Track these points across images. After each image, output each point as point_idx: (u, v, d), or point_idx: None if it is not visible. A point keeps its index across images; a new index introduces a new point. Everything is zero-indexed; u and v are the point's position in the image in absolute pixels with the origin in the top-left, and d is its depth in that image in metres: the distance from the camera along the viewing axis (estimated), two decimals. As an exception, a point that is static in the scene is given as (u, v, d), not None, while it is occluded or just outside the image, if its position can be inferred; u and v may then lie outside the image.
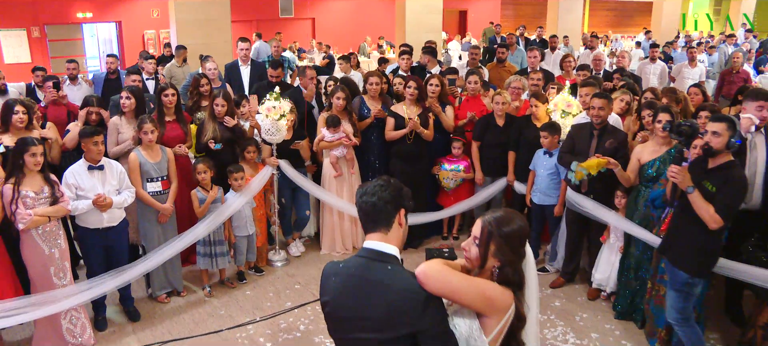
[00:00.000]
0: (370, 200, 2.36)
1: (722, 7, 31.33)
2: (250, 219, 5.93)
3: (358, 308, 2.31)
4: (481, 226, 2.40)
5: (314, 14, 20.63)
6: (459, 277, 2.30)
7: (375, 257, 2.34)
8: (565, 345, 5.03)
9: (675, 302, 4.36)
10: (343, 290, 2.36)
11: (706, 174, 4.17)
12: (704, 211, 4.05)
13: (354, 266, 2.38)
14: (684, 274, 4.27)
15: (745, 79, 10.94)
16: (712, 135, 4.06)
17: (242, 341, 5.04)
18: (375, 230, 2.38)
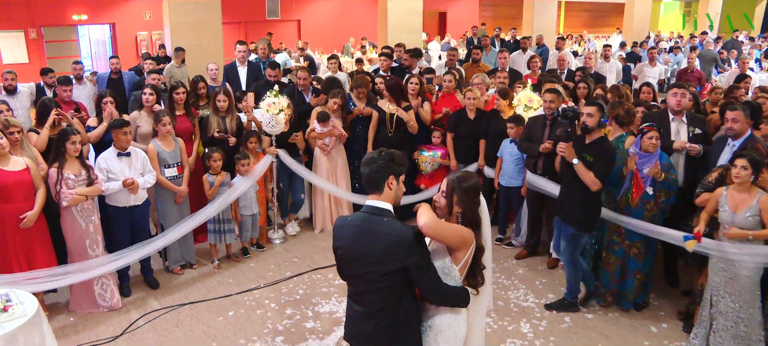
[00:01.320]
0: (365, 170, 3.22)
1: (692, 9, 32.48)
2: (254, 200, 6.77)
3: (363, 249, 3.15)
4: (446, 182, 3.29)
5: (300, 16, 21.36)
6: (445, 224, 3.19)
7: (374, 212, 3.18)
8: (525, 303, 5.92)
9: (566, 249, 5.55)
10: (351, 237, 3.20)
11: (585, 148, 5.34)
12: (586, 177, 5.22)
13: (359, 219, 3.22)
14: (572, 228, 5.43)
15: (698, 78, 11.93)
16: (587, 116, 5.27)
17: (250, 303, 5.89)
18: (372, 192, 3.22)
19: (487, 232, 3.37)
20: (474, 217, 3.26)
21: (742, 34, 25.04)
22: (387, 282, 3.13)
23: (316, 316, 5.65)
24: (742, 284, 4.71)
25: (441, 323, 3.28)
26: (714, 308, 4.90)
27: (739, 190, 4.66)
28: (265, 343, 5.21)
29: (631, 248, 5.65)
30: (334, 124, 7.19)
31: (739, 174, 4.57)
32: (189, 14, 11.63)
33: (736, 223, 4.63)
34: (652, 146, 5.31)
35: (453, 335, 3.29)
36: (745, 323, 4.75)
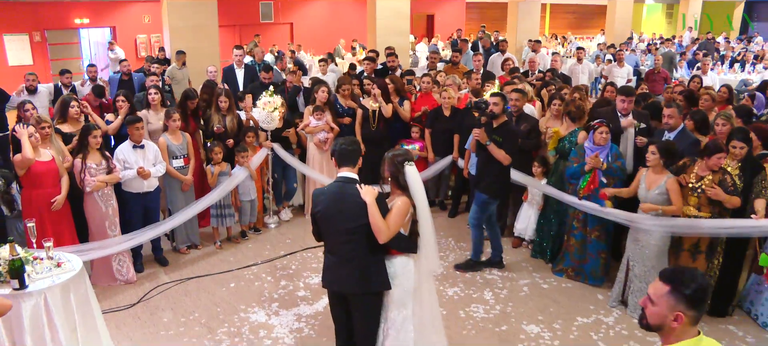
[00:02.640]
0: (342, 148, 4.15)
1: (674, 10, 33.44)
2: (252, 187, 7.63)
3: (339, 209, 4.10)
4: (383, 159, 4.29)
5: (292, 19, 22.14)
6: (392, 216, 4.11)
7: (347, 181, 4.16)
8: (490, 276, 6.79)
9: (475, 212, 6.68)
10: (328, 202, 4.14)
11: (494, 131, 6.45)
12: (498, 154, 6.38)
13: (335, 187, 4.18)
14: (485, 196, 6.55)
15: (664, 79, 12.81)
16: (494, 106, 6.41)
17: (249, 276, 6.74)
18: (346, 166, 4.19)
19: (419, 196, 4.27)
20: (401, 180, 4.23)
21: (721, 36, 26.05)
22: (357, 234, 4.08)
23: (306, 287, 6.50)
24: (652, 252, 5.70)
25: (396, 269, 4.24)
26: (630, 272, 5.91)
27: (653, 172, 5.61)
28: (262, 308, 6.06)
29: (591, 232, 6.51)
30: (326, 118, 8.02)
31: (649, 158, 5.56)
32: (187, 18, 12.32)
33: (649, 199, 5.60)
34: (602, 140, 6.22)
35: (406, 279, 4.26)
36: None
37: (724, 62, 18.53)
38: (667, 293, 2.56)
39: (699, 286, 2.53)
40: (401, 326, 4.31)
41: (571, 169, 6.50)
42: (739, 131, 5.77)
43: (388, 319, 4.32)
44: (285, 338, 5.56)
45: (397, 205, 4.15)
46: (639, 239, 5.79)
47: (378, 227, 4.02)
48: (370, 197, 4.04)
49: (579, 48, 14.48)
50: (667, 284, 2.58)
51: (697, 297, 2.54)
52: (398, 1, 15.63)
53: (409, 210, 4.19)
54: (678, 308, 2.54)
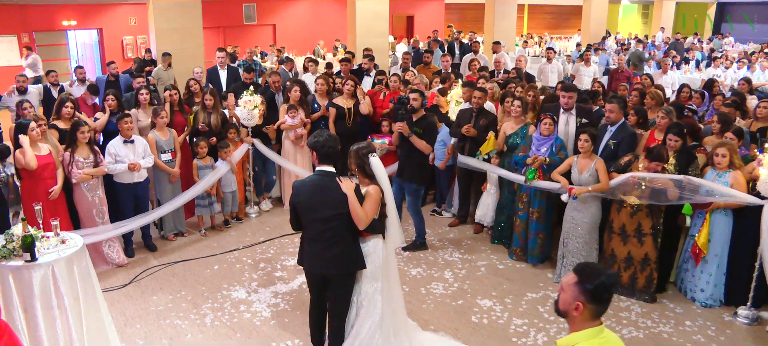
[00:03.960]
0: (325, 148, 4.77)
1: (650, 11, 34.30)
2: (234, 180, 8.27)
3: (321, 199, 4.73)
4: (349, 152, 4.92)
5: (275, 20, 22.70)
6: (368, 205, 4.75)
7: (326, 175, 4.80)
8: (451, 258, 7.46)
9: (411, 202, 7.47)
10: (309, 193, 4.77)
11: (414, 124, 7.32)
12: (420, 144, 7.23)
13: (315, 179, 4.82)
14: (414, 185, 7.35)
15: (627, 77, 13.51)
16: (413, 100, 7.26)
17: (231, 260, 7.39)
18: (325, 163, 4.82)
19: (384, 183, 4.90)
20: (367, 170, 4.87)
21: (694, 36, 26.88)
22: (337, 221, 4.74)
23: (283, 268, 7.15)
24: (584, 229, 6.50)
25: (368, 248, 4.94)
26: (565, 248, 6.68)
27: (583, 157, 6.41)
28: (243, 287, 6.70)
29: (533, 213, 7.20)
30: (300, 116, 8.65)
31: (582, 146, 6.38)
32: (172, 20, 12.79)
33: (581, 181, 6.36)
34: (547, 131, 6.92)
35: (377, 256, 4.95)
36: (585, 259, 6.51)
37: (690, 62, 19.29)
38: (574, 284, 2.79)
39: (601, 283, 2.74)
40: (372, 298, 5.02)
41: (516, 157, 7.22)
42: (675, 126, 6.47)
43: (361, 292, 5.03)
44: (263, 312, 6.21)
45: (369, 194, 4.80)
46: (573, 218, 6.55)
47: (358, 216, 4.67)
48: (351, 189, 4.69)
49: (548, 48, 15.21)
50: (575, 275, 2.81)
51: (598, 293, 2.74)
52: (377, 3, 16.12)
53: (380, 197, 4.85)
54: (579, 299, 2.76)
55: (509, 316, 6.16)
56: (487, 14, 20.32)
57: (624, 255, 6.42)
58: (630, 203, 6.21)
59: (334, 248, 4.79)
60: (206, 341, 5.74)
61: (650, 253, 6.32)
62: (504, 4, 19.97)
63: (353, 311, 5.07)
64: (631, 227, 6.32)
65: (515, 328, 5.94)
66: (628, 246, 6.38)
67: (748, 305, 6.11)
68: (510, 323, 6.02)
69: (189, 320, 6.04)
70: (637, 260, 6.36)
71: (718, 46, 24.68)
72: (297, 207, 4.84)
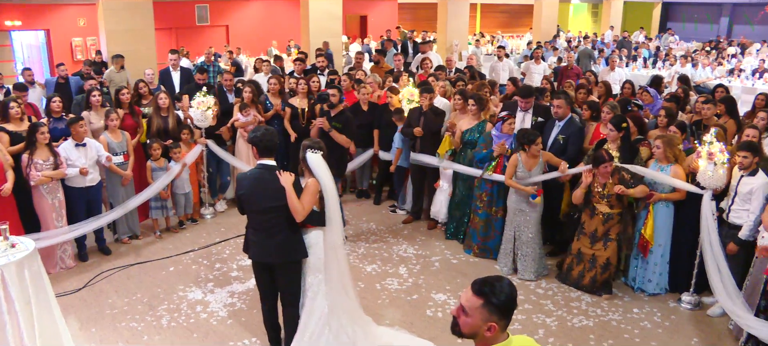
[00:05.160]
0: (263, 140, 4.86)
1: (599, 10, 35.03)
2: (187, 181, 8.25)
3: (262, 191, 4.86)
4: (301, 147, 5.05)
5: (228, 21, 22.55)
6: (305, 197, 4.89)
7: (267, 168, 4.92)
8: (405, 254, 7.59)
9: None
10: (251, 185, 4.90)
11: (334, 119, 7.60)
12: (340, 139, 7.52)
13: (257, 172, 4.94)
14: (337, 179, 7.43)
15: (577, 75, 13.84)
16: (332, 96, 7.65)
17: (186, 261, 7.39)
18: (266, 156, 4.91)
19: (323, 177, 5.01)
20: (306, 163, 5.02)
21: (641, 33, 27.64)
22: (279, 212, 4.88)
23: (239, 268, 7.19)
24: (534, 218, 6.81)
25: (310, 240, 5.09)
26: (517, 241, 6.91)
27: (529, 156, 6.66)
28: (199, 287, 6.72)
29: (497, 212, 7.37)
30: (253, 114, 8.68)
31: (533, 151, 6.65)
32: (123, 22, 12.60)
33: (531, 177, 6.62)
34: (510, 130, 7.10)
35: (320, 248, 5.10)
36: (539, 246, 6.91)
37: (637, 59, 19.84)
38: (481, 306, 2.63)
39: (508, 296, 2.65)
40: (318, 289, 5.15)
41: (480, 155, 7.34)
42: (613, 118, 6.73)
43: (306, 283, 5.13)
44: (219, 311, 6.24)
45: (308, 186, 4.95)
46: (523, 210, 6.79)
47: (295, 208, 4.82)
48: (288, 183, 4.81)
49: (500, 46, 15.50)
50: (480, 297, 2.63)
51: (507, 307, 2.65)
52: (330, 3, 16.20)
53: (318, 189, 4.97)
54: (491, 319, 2.63)
55: (462, 309, 6.30)
56: (440, 14, 20.48)
57: (589, 256, 6.55)
58: (602, 211, 6.36)
59: (275, 237, 4.98)
60: (163, 342, 5.75)
61: (612, 258, 6.46)
62: (456, 4, 20.15)
63: (301, 302, 5.21)
64: (601, 231, 6.45)
65: (468, 320, 6.08)
66: (594, 249, 6.50)
67: (690, 292, 6.39)
68: (463, 316, 6.16)
69: (145, 322, 6.04)
70: (600, 262, 6.47)
71: (665, 44, 25.39)
72: (240, 198, 5.03)
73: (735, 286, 5.62)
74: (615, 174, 6.30)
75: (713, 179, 5.84)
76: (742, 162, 5.83)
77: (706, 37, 28.25)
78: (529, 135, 6.68)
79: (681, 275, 6.56)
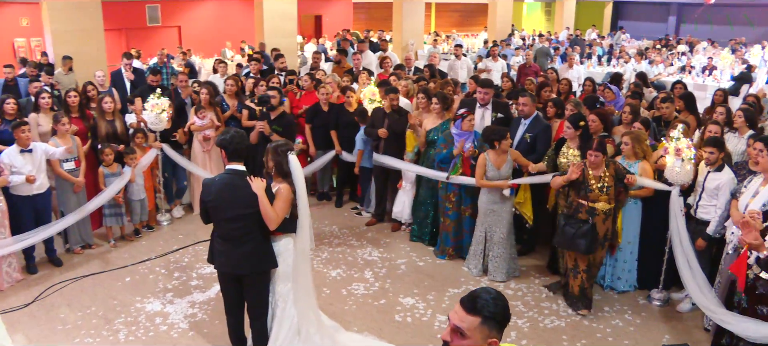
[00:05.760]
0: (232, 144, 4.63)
1: (552, 8, 35.47)
2: (141, 188, 7.92)
3: (230, 198, 4.63)
4: (266, 151, 4.82)
5: (180, 22, 22.04)
6: (278, 203, 4.66)
7: (236, 173, 4.70)
8: (370, 257, 7.42)
9: None
10: (219, 191, 4.66)
11: (274, 122, 7.58)
12: None
13: (225, 178, 4.71)
14: None
15: (535, 72, 13.88)
16: (272, 99, 7.57)
17: (143, 271, 7.08)
18: (235, 160, 4.69)
19: (300, 182, 4.86)
20: (283, 168, 4.81)
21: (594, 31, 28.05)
22: (248, 220, 4.65)
23: (199, 276, 6.92)
24: (505, 217, 6.70)
25: (280, 248, 4.85)
26: (489, 242, 6.79)
27: (498, 154, 6.54)
28: (157, 298, 6.43)
29: (465, 211, 7.24)
30: (210, 117, 8.41)
31: (504, 146, 6.50)
32: (70, 22, 12.08)
33: (501, 175, 6.54)
34: (470, 127, 7.00)
35: (289, 256, 4.88)
36: (511, 246, 6.80)
37: (592, 57, 20.07)
38: (480, 324, 2.51)
39: (504, 307, 2.56)
40: (288, 298, 4.95)
41: (440, 155, 7.20)
42: (571, 117, 6.67)
43: (275, 292, 4.95)
44: (180, 323, 5.98)
45: (281, 193, 4.72)
46: (495, 210, 6.68)
47: (269, 215, 4.60)
48: (261, 189, 4.59)
49: (457, 45, 15.46)
50: (476, 315, 2.51)
51: (506, 318, 2.56)
52: (285, 3, 15.93)
53: (291, 195, 4.76)
54: (492, 335, 2.53)
55: (433, 313, 6.18)
56: (395, 13, 20.35)
57: (585, 265, 6.09)
58: (603, 209, 5.86)
59: (244, 246, 4.74)
60: (120, 357, 5.48)
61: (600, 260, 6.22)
62: (412, 3, 20.05)
63: (270, 313, 4.99)
64: (602, 232, 5.95)
65: (439, 324, 5.97)
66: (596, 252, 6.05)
67: (659, 288, 6.39)
68: (434, 320, 6.05)
69: (101, 338, 5.74)
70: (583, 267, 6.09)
71: (618, 42, 25.80)
72: (207, 205, 4.76)
73: (706, 281, 5.60)
74: (610, 166, 5.93)
75: (681, 175, 5.83)
76: (708, 158, 5.83)
77: (656, 35, 28.81)
78: (498, 132, 6.56)
79: (649, 271, 6.55)
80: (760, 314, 4.78)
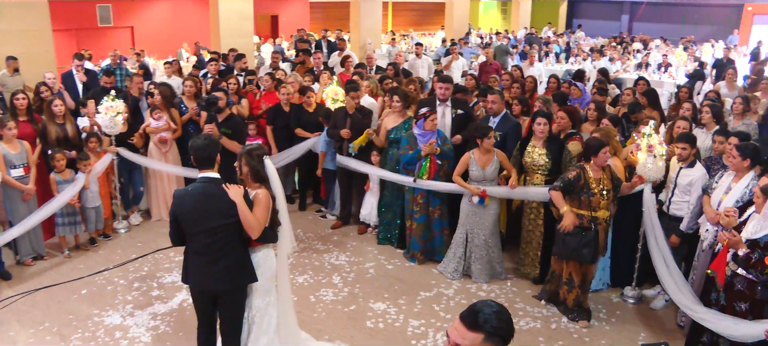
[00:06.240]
0: (200, 153, 4.36)
1: (508, 7, 35.73)
2: (96, 194, 7.55)
3: (207, 208, 4.32)
4: (238, 155, 4.58)
5: (133, 22, 21.43)
6: (258, 211, 4.39)
7: (210, 181, 4.40)
8: (337, 262, 7.22)
9: None
10: (193, 203, 4.35)
11: (222, 124, 7.40)
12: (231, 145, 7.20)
13: (199, 187, 4.39)
14: None
15: (496, 70, 13.87)
16: (219, 100, 7.26)
17: (101, 282, 6.74)
18: (206, 168, 4.40)
19: (277, 187, 4.63)
20: (259, 173, 4.53)
21: (550, 30, 28.34)
22: (225, 232, 4.35)
23: (160, 286, 6.62)
24: (489, 219, 6.51)
25: (258, 259, 4.59)
26: (470, 243, 6.64)
27: (483, 153, 6.37)
28: (116, 311, 6.12)
29: (433, 212, 7.07)
30: (166, 119, 8.09)
31: (485, 143, 6.33)
32: (15, 21, 11.54)
33: (487, 176, 6.37)
34: (433, 126, 6.82)
35: (268, 268, 4.63)
36: (492, 249, 6.61)
37: (549, 55, 20.22)
38: (482, 342, 2.39)
39: (507, 321, 2.43)
40: (265, 313, 4.70)
41: (406, 157, 7.00)
42: (539, 112, 6.58)
43: (253, 307, 4.69)
44: (142, 336, 5.69)
45: (259, 199, 4.44)
46: (476, 212, 6.51)
47: (250, 224, 4.30)
48: (239, 196, 4.30)
49: (417, 44, 15.36)
50: (478, 331, 2.39)
51: (509, 332, 2.44)
52: (241, 3, 15.67)
53: (270, 201, 4.50)
54: None
55: (405, 318, 6.01)
56: (353, 12, 20.23)
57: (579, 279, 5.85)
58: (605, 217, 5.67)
59: (222, 261, 4.41)
60: (77, 375, 5.17)
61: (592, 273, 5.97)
62: (369, 2, 19.93)
63: (245, 329, 4.72)
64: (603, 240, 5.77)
65: (413, 330, 5.81)
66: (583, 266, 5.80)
67: (633, 285, 6.34)
68: (407, 326, 5.88)
69: (56, 354, 5.42)
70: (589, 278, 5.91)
71: (575, 40, 26.07)
72: (180, 219, 4.40)
73: (684, 279, 5.55)
74: (606, 169, 5.68)
75: (653, 171, 5.78)
76: (680, 153, 5.80)
77: (609, 33, 29.26)
78: (480, 129, 6.40)
79: (622, 269, 6.51)
80: (738, 310, 4.77)
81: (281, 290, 4.81)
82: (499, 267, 6.81)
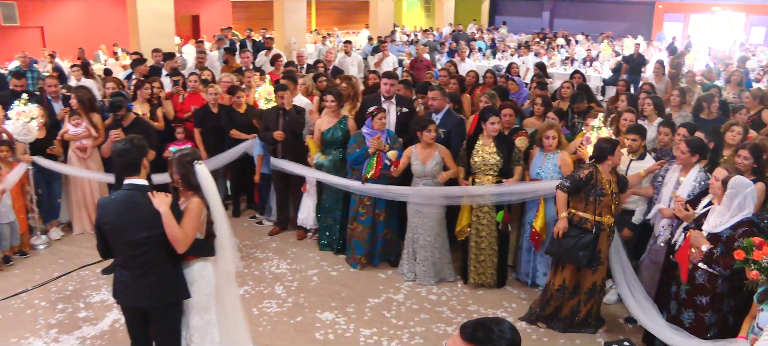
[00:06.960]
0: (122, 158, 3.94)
1: (431, 5, 35.90)
2: (9, 209, 6.90)
3: (133, 219, 3.92)
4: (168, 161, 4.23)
5: (42, 22, 20.23)
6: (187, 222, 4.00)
7: (135, 189, 3.99)
8: (278, 270, 6.86)
9: None
10: (118, 212, 3.94)
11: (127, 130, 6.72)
12: None
13: (123, 196, 3.99)
14: None
15: (427, 66, 13.75)
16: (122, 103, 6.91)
17: (19, 305, 6.15)
18: (131, 174, 3.98)
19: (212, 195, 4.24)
20: (191, 180, 4.15)
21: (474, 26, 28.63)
22: (151, 245, 3.94)
23: (87, 306, 6.10)
24: (434, 221, 6.31)
25: (193, 275, 4.18)
26: (415, 244, 6.42)
27: (424, 147, 6.18)
28: (39, 337, 5.58)
29: (378, 215, 6.79)
30: (86, 125, 7.52)
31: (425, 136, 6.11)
32: None
33: (427, 171, 6.16)
34: (382, 125, 6.55)
35: (205, 283, 4.23)
36: (439, 250, 6.41)
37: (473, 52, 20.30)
38: None
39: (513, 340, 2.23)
40: (205, 332, 4.30)
41: (353, 155, 6.70)
42: (490, 110, 6.37)
43: (190, 326, 4.28)
44: (68, 363, 5.19)
45: (189, 209, 4.06)
46: (421, 211, 6.30)
47: (175, 236, 3.92)
48: (164, 205, 3.91)
49: (346, 42, 15.08)
50: None
51: None
52: (160, 2, 15.09)
53: (203, 212, 4.11)
54: None
55: (355, 327, 5.73)
56: (277, 11, 19.86)
57: (572, 285, 5.56)
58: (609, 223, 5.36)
59: (149, 275, 4.02)
60: (-3, 412, 4.64)
61: (598, 282, 5.54)
62: (293, 1, 19.59)
63: None
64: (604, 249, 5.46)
65: (365, 339, 5.54)
66: (579, 274, 5.52)
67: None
68: (358, 335, 5.60)
69: (-30, 390, 4.87)
70: (585, 289, 5.54)
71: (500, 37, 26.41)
72: (104, 229, 4.00)
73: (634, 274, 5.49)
74: (613, 171, 5.37)
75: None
76: (631, 145, 5.74)
77: (531, 30, 29.83)
78: (422, 121, 6.18)
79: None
80: (699, 303, 4.72)
81: (226, 307, 4.42)
82: (447, 269, 6.61)
